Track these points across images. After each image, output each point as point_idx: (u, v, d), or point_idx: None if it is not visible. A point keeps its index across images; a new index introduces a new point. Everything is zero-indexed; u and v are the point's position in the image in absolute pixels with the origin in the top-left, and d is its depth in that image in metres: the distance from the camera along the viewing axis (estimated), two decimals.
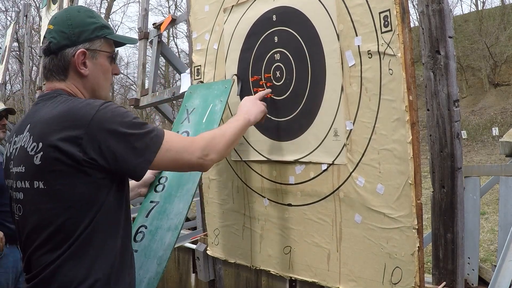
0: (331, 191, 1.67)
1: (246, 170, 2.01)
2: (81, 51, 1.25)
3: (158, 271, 1.49)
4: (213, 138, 1.33)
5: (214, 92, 1.92)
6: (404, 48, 1.42)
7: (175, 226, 1.58)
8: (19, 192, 1.20)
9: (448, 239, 1.60)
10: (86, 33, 1.26)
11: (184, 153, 1.23)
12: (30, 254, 1.19)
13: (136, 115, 1.24)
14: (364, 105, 1.54)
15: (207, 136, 1.33)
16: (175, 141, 1.24)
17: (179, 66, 4.56)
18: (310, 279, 1.77)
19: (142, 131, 1.17)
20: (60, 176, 1.12)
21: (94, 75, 1.29)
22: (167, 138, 1.21)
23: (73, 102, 1.17)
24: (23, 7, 7.85)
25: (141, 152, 1.16)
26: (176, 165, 1.26)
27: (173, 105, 10.12)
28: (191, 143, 1.27)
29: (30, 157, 1.14)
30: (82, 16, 1.28)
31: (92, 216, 1.15)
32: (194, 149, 1.26)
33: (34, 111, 1.24)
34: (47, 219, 1.14)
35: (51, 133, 1.12)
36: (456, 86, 1.61)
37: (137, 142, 1.15)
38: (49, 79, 1.28)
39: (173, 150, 1.21)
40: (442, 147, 1.60)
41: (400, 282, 1.47)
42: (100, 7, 23.95)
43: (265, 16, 1.88)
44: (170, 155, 1.20)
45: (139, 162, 1.16)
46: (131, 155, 1.14)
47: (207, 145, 1.29)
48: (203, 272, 2.42)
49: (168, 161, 1.22)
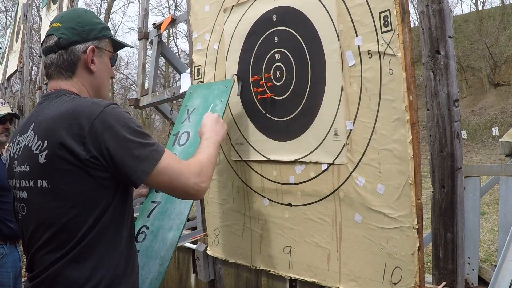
0: (331, 191, 1.67)
1: (246, 170, 2.01)
2: (91, 47, 1.27)
3: (160, 271, 1.50)
4: (204, 165, 1.29)
5: (214, 92, 1.92)
6: (404, 48, 1.42)
7: (176, 226, 1.58)
8: (22, 191, 1.20)
9: (448, 239, 1.60)
10: (95, 31, 1.30)
11: (180, 175, 1.20)
12: (34, 253, 1.19)
13: (138, 122, 1.23)
14: (364, 105, 1.54)
15: (199, 161, 1.30)
16: (174, 161, 1.21)
17: (179, 66, 4.56)
18: (310, 279, 1.77)
19: (144, 141, 1.16)
20: (64, 175, 1.12)
21: (100, 73, 1.32)
22: (166, 156, 1.19)
23: (78, 101, 1.18)
24: (23, 7, 7.85)
25: (140, 161, 1.14)
26: (170, 186, 1.20)
27: (173, 105, 10.13)
28: (187, 167, 1.23)
29: (35, 156, 1.14)
30: (90, 16, 1.32)
31: (97, 216, 1.14)
32: (190, 173, 1.22)
33: (38, 110, 1.24)
34: (50, 218, 1.14)
35: (56, 131, 1.12)
36: (456, 86, 1.61)
37: (137, 150, 1.14)
38: (54, 77, 1.28)
39: (171, 169, 1.18)
40: (442, 147, 1.60)
41: (400, 282, 1.47)
42: (100, 7, 23.98)
43: (265, 16, 1.88)
44: (167, 172, 1.18)
45: (136, 170, 1.14)
46: (130, 161, 1.13)
47: (201, 171, 1.26)
48: (203, 272, 2.42)
49: (164, 178, 1.18)
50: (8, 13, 21.58)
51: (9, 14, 21.31)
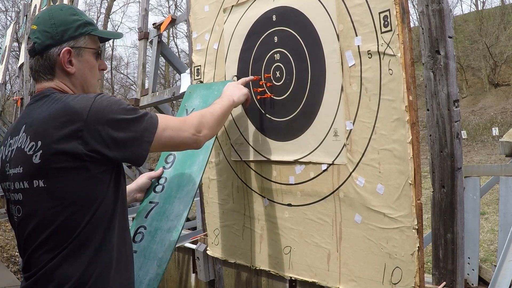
0: (331, 191, 1.67)
1: (246, 170, 2.01)
2: (66, 49, 1.24)
3: (158, 272, 1.49)
4: (204, 116, 1.41)
5: (214, 93, 1.92)
6: (404, 48, 1.42)
7: (175, 228, 1.57)
8: (17, 193, 1.19)
9: (448, 239, 1.60)
10: (69, 31, 1.25)
11: (179, 131, 1.30)
12: (30, 254, 1.18)
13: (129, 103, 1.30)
14: (364, 105, 1.54)
15: (198, 114, 1.41)
16: (170, 120, 1.31)
17: (179, 66, 4.57)
18: (310, 279, 1.77)
19: (138, 115, 1.22)
20: (60, 173, 1.12)
21: (80, 72, 1.29)
22: (161, 119, 1.27)
23: (67, 98, 1.18)
24: (23, 7, 7.85)
25: (141, 135, 1.20)
26: (173, 143, 1.32)
27: (173, 105, 10.12)
28: (184, 122, 1.34)
29: (29, 157, 1.13)
30: (65, 14, 1.26)
31: (92, 213, 1.15)
32: (188, 126, 1.33)
33: (28, 112, 1.23)
34: (47, 219, 1.14)
35: (50, 131, 1.12)
36: (456, 86, 1.61)
37: (135, 126, 1.19)
38: (38, 80, 1.28)
39: (169, 128, 1.27)
40: (442, 147, 1.60)
41: (400, 282, 1.47)
42: (100, 7, 24.01)
43: (265, 16, 1.88)
44: (167, 133, 1.26)
45: (139, 145, 1.20)
46: (132, 139, 1.19)
47: (200, 122, 1.37)
48: (203, 272, 2.42)
49: (166, 140, 1.27)
50: (8, 13, 21.58)
51: (9, 14, 21.31)
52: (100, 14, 24.12)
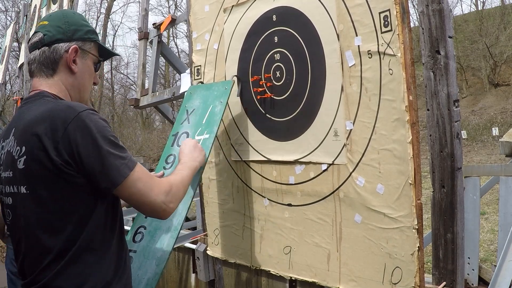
0: (331, 191, 1.67)
1: (246, 170, 2.01)
2: (74, 47, 1.26)
3: (156, 272, 1.49)
4: (174, 186, 1.27)
5: (214, 93, 1.92)
6: (404, 48, 1.42)
7: (174, 227, 1.58)
8: (8, 197, 1.19)
9: (448, 239, 1.59)
10: (80, 32, 1.29)
11: (150, 191, 1.18)
12: (22, 260, 1.18)
13: (114, 132, 1.20)
14: (364, 105, 1.54)
15: (169, 182, 1.28)
16: (145, 175, 1.19)
17: (179, 66, 4.56)
18: (310, 279, 1.77)
19: (117, 152, 1.13)
20: (40, 181, 1.10)
21: (81, 74, 1.30)
22: (138, 169, 1.17)
23: (54, 104, 1.16)
24: (23, 7, 7.85)
25: (110, 171, 1.11)
26: (139, 200, 1.18)
27: (173, 105, 10.12)
28: (158, 184, 1.21)
29: (15, 162, 1.13)
30: (77, 18, 1.32)
31: (76, 223, 1.12)
32: (159, 191, 1.20)
33: (18, 115, 1.23)
34: (32, 225, 1.13)
35: (33, 137, 1.10)
36: (456, 86, 1.61)
37: (108, 160, 1.11)
38: (36, 74, 1.27)
39: (142, 182, 1.16)
40: (442, 147, 1.60)
41: (400, 282, 1.47)
42: (100, 7, 23.99)
43: (265, 16, 1.88)
44: (137, 186, 1.15)
45: (106, 180, 1.12)
46: (100, 170, 1.10)
47: (170, 191, 1.24)
48: (203, 272, 2.42)
49: (133, 191, 1.15)
50: (8, 13, 21.58)
51: (9, 14, 21.31)
52: (100, 14, 24.11)
